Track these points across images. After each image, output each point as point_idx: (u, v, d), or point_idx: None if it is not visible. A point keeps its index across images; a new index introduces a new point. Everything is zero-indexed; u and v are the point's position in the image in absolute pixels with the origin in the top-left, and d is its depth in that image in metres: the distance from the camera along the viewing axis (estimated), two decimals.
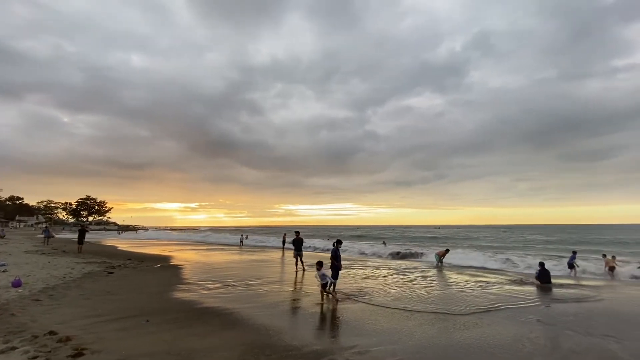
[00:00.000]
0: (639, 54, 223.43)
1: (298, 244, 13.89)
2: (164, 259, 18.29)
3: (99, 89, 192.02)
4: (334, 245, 9.66)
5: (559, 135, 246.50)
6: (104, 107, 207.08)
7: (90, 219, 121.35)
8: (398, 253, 23.40)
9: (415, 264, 17.63)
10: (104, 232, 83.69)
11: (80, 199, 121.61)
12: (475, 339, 5.47)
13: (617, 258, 15.88)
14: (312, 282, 10.98)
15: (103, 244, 33.27)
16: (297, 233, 14.52)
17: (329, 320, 6.63)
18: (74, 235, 29.71)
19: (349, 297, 8.73)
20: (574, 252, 16.80)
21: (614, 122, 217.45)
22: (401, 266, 16.58)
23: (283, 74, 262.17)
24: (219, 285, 10.30)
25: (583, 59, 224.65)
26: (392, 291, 9.70)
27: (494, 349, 5.05)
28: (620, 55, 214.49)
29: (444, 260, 17.11)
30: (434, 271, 14.59)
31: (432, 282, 11.70)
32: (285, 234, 28.63)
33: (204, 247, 30.42)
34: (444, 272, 14.50)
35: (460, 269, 15.84)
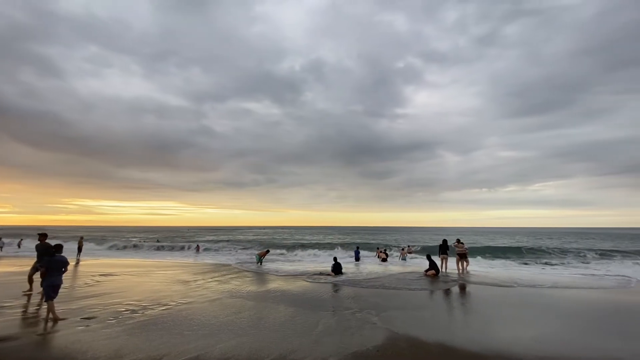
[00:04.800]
0: (411, 107, 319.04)
1: (41, 252, 9.03)
2: None
3: None
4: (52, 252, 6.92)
5: (360, 157, 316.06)
6: None
7: None
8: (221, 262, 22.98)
9: (234, 265, 17.76)
10: None
11: None
12: (279, 329, 6.01)
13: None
14: (102, 298, 9.18)
15: None
16: (42, 236, 9.23)
17: (125, 339, 5.60)
18: None
19: (141, 309, 7.73)
20: (357, 247, 21.94)
21: (393, 152, 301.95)
22: (217, 269, 16.30)
23: (101, 35, 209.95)
24: None
25: (379, 103, 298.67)
26: (206, 296, 9.36)
27: (293, 338, 5.69)
28: (400, 106, 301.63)
29: (263, 260, 18.09)
30: (252, 271, 15.13)
31: (248, 281, 12.10)
32: (82, 238, 22.59)
33: None
34: (262, 271, 15.31)
35: (281, 265, 17.16)
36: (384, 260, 20.46)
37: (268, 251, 19.16)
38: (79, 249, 21.09)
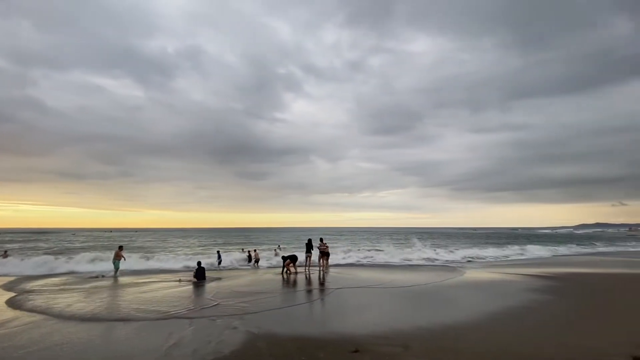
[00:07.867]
0: (289, 113, 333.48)
1: None
2: None
3: None
4: None
5: (237, 156, 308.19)
6: None
7: None
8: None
9: (66, 276, 14.29)
10: None
11: None
12: (121, 348, 5.16)
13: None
14: None
15: None
16: None
17: None
18: None
19: None
20: (218, 251, 21.59)
21: (270, 155, 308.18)
22: (38, 282, 12.82)
23: None
24: None
25: (259, 104, 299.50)
26: (12, 320, 7.15)
27: (138, 356, 5.00)
28: (279, 110, 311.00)
29: (120, 263, 15.10)
30: (91, 283, 12.50)
31: (84, 296, 9.93)
32: None
33: None
34: (119, 278, 13.00)
35: (135, 273, 14.93)
36: (252, 261, 20.41)
37: (121, 247, 15.79)
38: None
